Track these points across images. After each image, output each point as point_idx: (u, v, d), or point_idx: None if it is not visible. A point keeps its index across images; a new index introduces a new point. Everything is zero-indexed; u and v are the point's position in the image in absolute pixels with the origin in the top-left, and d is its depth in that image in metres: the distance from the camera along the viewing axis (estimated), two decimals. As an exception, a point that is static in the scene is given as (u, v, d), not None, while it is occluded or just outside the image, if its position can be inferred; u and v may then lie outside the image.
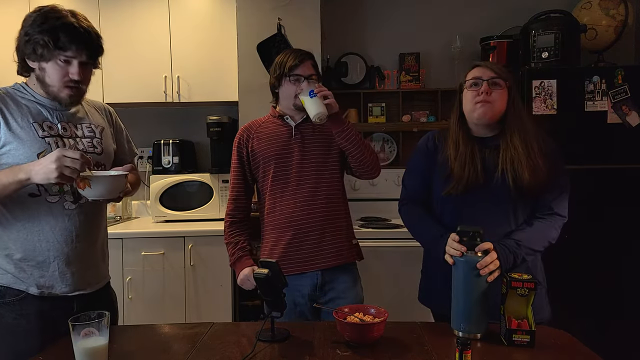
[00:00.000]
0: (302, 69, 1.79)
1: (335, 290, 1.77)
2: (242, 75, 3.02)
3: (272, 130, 1.86)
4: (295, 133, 1.83)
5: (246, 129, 1.91)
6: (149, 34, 3.07)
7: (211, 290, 2.82)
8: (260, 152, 1.84)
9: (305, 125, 1.84)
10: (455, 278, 1.36)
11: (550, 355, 1.23)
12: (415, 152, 1.71)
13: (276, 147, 1.82)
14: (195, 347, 1.30)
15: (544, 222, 1.51)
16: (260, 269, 1.33)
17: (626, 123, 2.62)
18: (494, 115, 1.52)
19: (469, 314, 1.33)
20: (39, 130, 1.42)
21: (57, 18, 1.37)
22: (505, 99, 1.53)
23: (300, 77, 1.78)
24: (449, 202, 1.57)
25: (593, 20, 2.88)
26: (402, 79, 3.30)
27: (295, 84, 1.78)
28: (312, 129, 1.83)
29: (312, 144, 1.82)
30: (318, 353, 1.25)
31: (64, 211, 1.44)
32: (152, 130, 3.35)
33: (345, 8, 3.39)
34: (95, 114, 1.61)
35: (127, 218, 3.29)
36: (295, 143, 1.81)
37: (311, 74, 1.80)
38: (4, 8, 3.08)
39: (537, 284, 1.26)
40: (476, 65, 1.59)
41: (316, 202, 1.79)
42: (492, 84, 1.52)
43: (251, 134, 1.88)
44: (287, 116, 1.86)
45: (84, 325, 1.11)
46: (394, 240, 2.63)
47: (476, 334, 1.32)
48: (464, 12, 3.35)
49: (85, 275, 1.50)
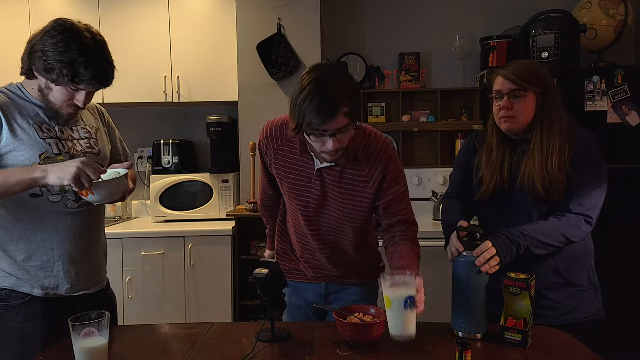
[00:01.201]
0: (328, 125, 1.29)
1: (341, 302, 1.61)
2: (242, 75, 3.02)
3: (291, 161, 1.52)
4: (315, 177, 1.49)
5: (269, 139, 1.57)
6: (149, 34, 3.07)
7: (211, 290, 2.82)
8: (276, 173, 1.57)
9: (329, 171, 1.49)
10: (455, 277, 1.36)
11: (550, 355, 1.23)
12: (461, 149, 1.77)
13: (291, 180, 1.53)
14: (195, 347, 1.30)
15: (559, 218, 1.48)
16: (260, 269, 1.33)
17: (626, 123, 2.62)
18: (520, 127, 1.51)
19: (468, 314, 1.33)
20: (39, 132, 1.42)
21: (79, 52, 1.32)
22: (532, 107, 1.50)
23: (325, 134, 1.31)
24: (481, 205, 1.64)
25: (593, 20, 2.88)
26: (402, 79, 3.30)
27: (318, 139, 1.34)
28: (340, 178, 1.48)
29: (335, 193, 1.50)
30: (318, 353, 1.25)
31: (66, 210, 1.44)
32: (152, 130, 3.35)
33: (345, 8, 3.39)
34: (89, 115, 1.61)
35: (127, 218, 3.29)
36: (316, 185, 1.50)
37: (341, 127, 1.30)
38: (4, 8, 3.08)
39: (529, 284, 1.26)
40: (497, 73, 1.54)
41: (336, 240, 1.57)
42: (513, 97, 1.49)
43: (270, 148, 1.57)
44: (313, 154, 1.48)
45: (84, 325, 1.11)
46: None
47: (476, 334, 1.32)
48: (464, 12, 3.35)
49: (89, 275, 1.50)
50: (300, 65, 3.01)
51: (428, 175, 3.25)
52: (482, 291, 1.32)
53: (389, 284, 1.21)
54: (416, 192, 3.12)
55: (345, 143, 1.36)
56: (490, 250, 1.34)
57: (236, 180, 3.12)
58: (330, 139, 1.31)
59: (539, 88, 1.50)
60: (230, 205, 3.04)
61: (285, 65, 3.00)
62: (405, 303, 1.17)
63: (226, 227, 2.82)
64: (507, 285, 1.28)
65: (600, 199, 1.50)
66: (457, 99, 3.30)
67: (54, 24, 1.37)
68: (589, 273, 1.58)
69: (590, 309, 1.55)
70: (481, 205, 1.64)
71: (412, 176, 3.16)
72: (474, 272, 1.32)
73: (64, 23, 1.37)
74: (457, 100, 3.30)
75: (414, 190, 2.49)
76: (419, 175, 3.24)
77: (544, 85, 1.51)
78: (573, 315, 1.52)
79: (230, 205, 3.04)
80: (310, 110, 1.26)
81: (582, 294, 1.54)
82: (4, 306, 1.39)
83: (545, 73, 1.54)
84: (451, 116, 3.31)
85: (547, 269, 1.50)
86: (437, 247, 2.68)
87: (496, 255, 1.34)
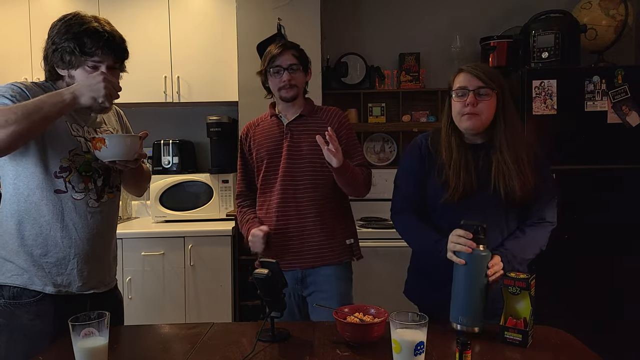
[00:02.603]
0: (281, 59, 1.80)
1: (316, 284, 1.82)
2: (242, 75, 3.02)
3: (267, 129, 1.89)
4: (286, 131, 1.84)
5: (247, 126, 1.96)
6: (149, 34, 3.07)
7: (211, 290, 2.82)
8: (255, 150, 1.89)
9: (296, 123, 1.85)
10: (458, 272, 1.36)
11: (550, 354, 1.23)
12: (408, 154, 1.65)
13: (268, 145, 1.85)
14: (195, 347, 1.30)
15: (535, 230, 1.51)
16: (260, 269, 1.33)
17: (626, 123, 2.62)
18: (482, 125, 1.49)
19: (468, 307, 1.33)
20: (71, 129, 1.44)
21: (80, 24, 1.39)
22: (494, 107, 1.48)
23: (280, 69, 1.79)
24: (445, 209, 1.52)
25: (593, 20, 2.88)
26: (402, 79, 3.30)
27: (275, 76, 1.81)
28: (304, 127, 1.84)
29: (303, 143, 1.82)
30: (318, 353, 1.25)
31: (87, 209, 1.46)
32: (152, 130, 3.30)
33: (345, 8, 3.40)
34: (111, 118, 1.65)
35: (127, 218, 3.29)
36: (285, 141, 1.83)
37: (292, 64, 1.80)
38: (4, 8, 3.08)
39: (529, 284, 1.26)
40: (462, 70, 1.51)
41: (302, 203, 1.81)
42: (479, 94, 1.46)
43: (250, 132, 1.93)
44: (281, 114, 1.88)
45: (84, 325, 1.11)
46: (394, 241, 2.63)
47: (474, 328, 1.33)
48: (464, 12, 3.35)
49: (99, 274, 1.52)
50: (300, 65, 3.01)
51: (428, 175, 3.25)
52: (483, 286, 1.34)
53: (398, 326, 1.10)
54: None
55: (296, 81, 1.81)
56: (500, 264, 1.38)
57: (236, 180, 3.11)
58: (285, 72, 1.79)
59: (500, 88, 1.49)
60: (230, 205, 3.04)
61: (285, 65, 3.00)
62: (416, 350, 1.08)
63: (226, 227, 2.82)
64: (506, 285, 1.28)
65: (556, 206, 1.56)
66: (457, 99, 3.30)
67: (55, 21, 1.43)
68: None
69: None
70: (445, 210, 1.52)
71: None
72: (478, 267, 1.33)
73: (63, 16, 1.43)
74: (457, 100, 3.30)
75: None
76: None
77: (504, 87, 1.50)
78: None
79: (230, 205, 3.05)
80: (267, 52, 1.84)
81: None
82: (15, 304, 1.40)
83: (501, 75, 1.54)
84: (451, 116, 3.30)
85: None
86: (437, 247, 2.69)
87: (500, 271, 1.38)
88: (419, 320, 1.10)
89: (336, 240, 1.85)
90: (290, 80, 1.80)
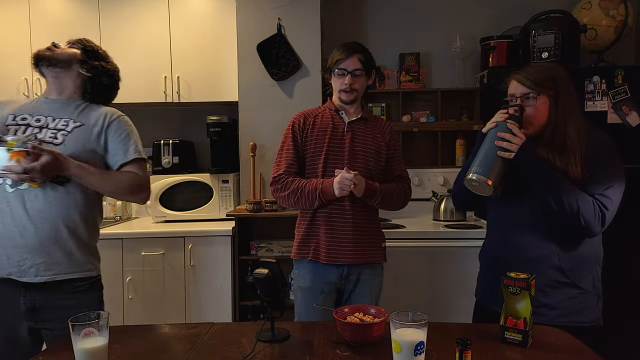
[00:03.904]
0: (347, 63, 1.87)
1: (359, 282, 1.94)
2: (242, 75, 3.02)
3: (327, 121, 1.96)
4: (347, 129, 1.93)
5: (303, 115, 2.00)
6: (149, 34, 3.07)
7: (211, 290, 2.82)
8: (314, 139, 1.94)
9: (358, 124, 1.96)
10: (487, 136, 1.48)
11: (550, 354, 1.23)
12: None
13: (329, 136, 1.92)
14: (195, 347, 1.30)
15: (587, 196, 1.46)
16: (260, 269, 1.33)
17: (626, 123, 2.62)
18: (534, 129, 1.51)
19: (486, 160, 1.44)
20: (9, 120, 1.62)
21: None
22: (546, 109, 1.50)
23: (344, 72, 1.88)
24: (491, 201, 1.64)
25: (593, 20, 2.88)
26: (402, 79, 3.30)
27: (339, 77, 1.90)
28: (364, 129, 1.96)
29: (362, 144, 1.94)
30: (318, 353, 1.25)
31: (3, 193, 1.56)
32: (152, 130, 3.34)
33: (345, 8, 3.40)
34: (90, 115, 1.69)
35: (127, 218, 3.29)
36: (347, 139, 1.92)
37: (356, 69, 1.87)
38: (4, 8, 3.08)
39: (529, 284, 1.26)
40: (512, 77, 1.55)
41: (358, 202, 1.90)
42: (526, 99, 1.50)
43: (307, 121, 1.97)
44: (342, 111, 1.96)
45: (84, 325, 1.11)
46: (394, 240, 2.63)
47: (487, 179, 1.41)
48: (464, 12, 3.35)
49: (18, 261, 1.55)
50: (300, 65, 3.01)
51: (428, 176, 3.25)
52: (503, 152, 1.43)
53: (398, 326, 1.10)
54: (416, 192, 3.10)
55: (357, 85, 1.90)
56: (518, 139, 1.44)
57: (236, 181, 3.12)
58: (347, 75, 1.86)
59: (553, 91, 1.49)
60: (230, 206, 3.04)
61: (285, 65, 3.00)
62: (416, 350, 1.09)
63: (226, 227, 2.82)
64: (507, 285, 1.28)
65: (619, 196, 1.50)
66: (457, 99, 3.30)
67: None
68: (594, 279, 1.56)
69: (589, 314, 1.53)
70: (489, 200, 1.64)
71: (412, 176, 3.12)
72: (506, 130, 1.44)
73: None
74: (457, 100, 3.31)
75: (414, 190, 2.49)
76: (419, 176, 3.24)
77: (560, 88, 1.50)
78: (571, 318, 1.49)
79: (230, 205, 3.05)
80: (336, 51, 1.92)
81: (584, 297, 1.52)
82: None
83: (561, 75, 1.53)
84: (451, 116, 3.31)
85: (550, 266, 1.50)
86: (437, 247, 2.69)
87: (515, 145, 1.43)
88: (419, 320, 1.10)
89: (377, 240, 1.99)
90: (352, 84, 1.89)
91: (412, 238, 2.64)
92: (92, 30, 3.02)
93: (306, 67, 3.03)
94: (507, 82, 1.59)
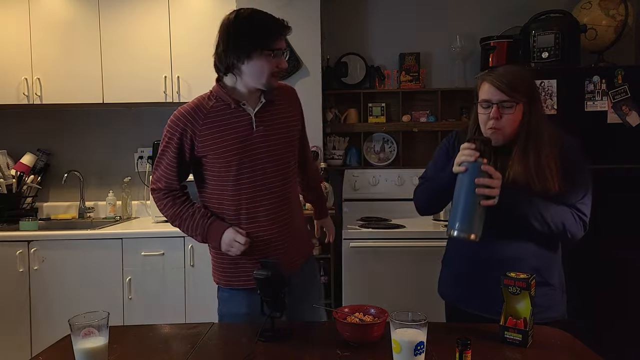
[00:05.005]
0: (280, 42, 1.55)
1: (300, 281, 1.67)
2: (242, 75, 3.02)
3: (228, 121, 1.54)
4: (256, 125, 1.56)
5: (190, 116, 1.55)
6: (149, 34, 3.07)
7: (211, 290, 2.81)
8: (213, 148, 1.54)
9: (264, 112, 1.58)
10: (459, 181, 1.38)
11: (550, 354, 1.23)
12: (441, 146, 1.73)
13: (236, 143, 1.53)
14: (195, 347, 1.30)
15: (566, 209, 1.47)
16: (260, 269, 1.33)
17: (626, 123, 2.62)
18: (506, 138, 1.48)
19: (465, 214, 1.34)
20: None
21: None
22: (520, 117, 1.46)
23: (280, 52, 1.53)
24: None
25: (593, 20, 2.88)
26: (402, 79, 3.30)
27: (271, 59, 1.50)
28: (273, 117, 1.60)
29: (275, 137, 1.59)
30: (318, 353, 1.25)
31: None
32: (152, 130, 3.34)
33: (345, 8, 3.40)
34: None
35: (127, 218, 3.28)
36: (259, 136, 1.55)
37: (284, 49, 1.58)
38: (4, 8, 3.07)
39: (529, 283, 1.26)
40: (485, 80, 1.50)
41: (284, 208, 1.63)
42: (503, 107, 1.45)
43: (195, 125, 1.54)
44: (243, 102, 1.56)
45: (84, 325, 1.11)
46: (393, 240, 2.63)
47: (470, 235, 1.33)
48: (464, 12, 3.35)
49: None
50: (300, 65, 3.01)
51: (428, 175, 3.25)
52: (483, 197, 1.34)
53: (398, 326, 1.10)
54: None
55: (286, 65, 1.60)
56: (495, 182, 1.35)
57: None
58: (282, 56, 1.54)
59: (527, 97, 1.47)
60: (230, 205, 3.04)
61: (285, 65, 3.00)
62: (416, 350, 1.09)
63: (226, 227, 2.82)
64: (506, 285, 1.28)
65: (591, 197, 1.54)
66: (457, 99, 3.30)
67: None
68: (560, 274, 1.59)
69: (558, 310, 1.55)
70: None
71: (412, 176, 3.16)
72: (479, 175, 1.35)
73: None
74: (457, 100, 3.31)
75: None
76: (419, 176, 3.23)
77: (531, 93, 1.48)
78: (543, 315, 1.48)
79: (230, 205, 3.04)
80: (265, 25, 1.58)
81: (553, 294, 1.55)
82: None
83: (530, 79, 1.52)
84: (451, 116, 3.31)
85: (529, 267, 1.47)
86: (437, 247, 2.69)
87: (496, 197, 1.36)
88: (419, 320, 1.10)
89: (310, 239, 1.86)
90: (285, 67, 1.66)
91: (412, 238, 2.64)
92: (92, 31, 3.02)
93: (306, 67, 3.03)
94: (477, 84, 1.53)
